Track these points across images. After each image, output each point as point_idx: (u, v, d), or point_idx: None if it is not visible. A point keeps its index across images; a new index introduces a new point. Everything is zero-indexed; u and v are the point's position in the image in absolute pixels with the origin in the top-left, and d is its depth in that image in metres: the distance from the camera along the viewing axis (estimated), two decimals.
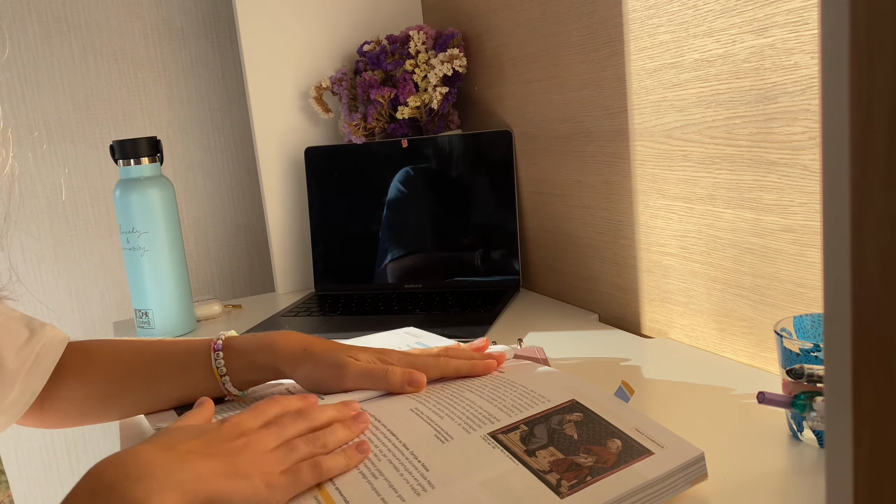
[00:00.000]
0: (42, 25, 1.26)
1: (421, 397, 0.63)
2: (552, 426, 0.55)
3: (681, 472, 0.51)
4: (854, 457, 0.25)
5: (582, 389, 0.60)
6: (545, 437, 0.54)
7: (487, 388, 0.63)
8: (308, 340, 0.67)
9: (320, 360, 0.65)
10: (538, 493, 0.48)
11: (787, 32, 0.65)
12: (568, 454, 0.52)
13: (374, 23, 1.30)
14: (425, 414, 0.59)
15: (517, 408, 0.58)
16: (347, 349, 0.67)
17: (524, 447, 0.53)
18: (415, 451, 0.54)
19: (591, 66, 0.93)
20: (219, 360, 0.67)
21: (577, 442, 0.53)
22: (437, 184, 1.19)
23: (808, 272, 0.68)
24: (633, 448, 0.52)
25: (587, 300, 1.02)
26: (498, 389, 0.62)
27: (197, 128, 1.37)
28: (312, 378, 0.65)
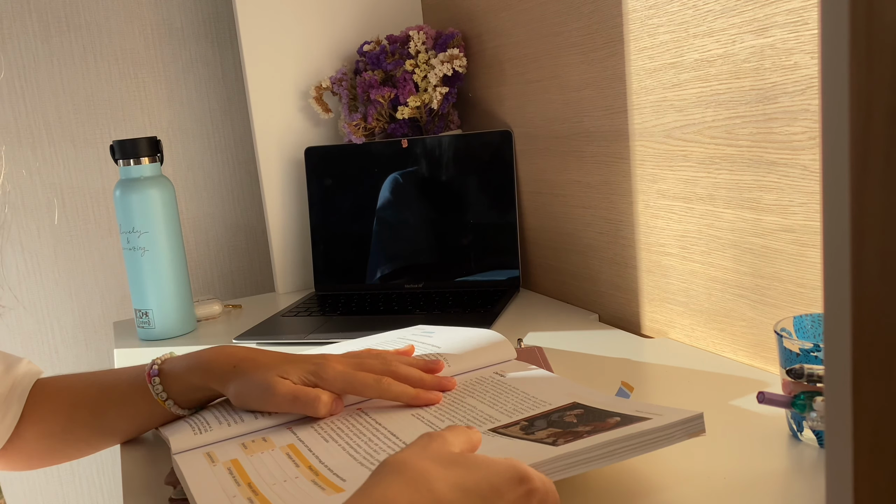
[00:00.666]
0: (42, 25, 1.26)
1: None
2: (552, 419, 0.56)
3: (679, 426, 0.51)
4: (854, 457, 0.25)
5: (583, 393, 0.60)
6: (545, 425, 0.55)
7: (489, 394, 0.63)
8: (241, 355, 0.64)
9: (248, 379, 0.62)
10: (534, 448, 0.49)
11: (787, 32, 0.66)
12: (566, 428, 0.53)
13: (374, 23, 1.30)
14: (426, 418, 0.60)
15: (518, 410, 0.59)
16: (280, 365, 0.63)
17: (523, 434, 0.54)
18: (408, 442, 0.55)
19: (591, 66, 0.93)
20: (156, 387, 0.65)
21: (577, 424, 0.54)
22: (437, 184, 1.19)
23: (808, 272, 0.68)
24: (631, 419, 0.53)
25: (587, 300, 1.02)
26: (499, 395, 0.63)
27: (197, 128, 1.37)
28: (241, 397, 0.63)
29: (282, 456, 0.57)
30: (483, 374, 0.69)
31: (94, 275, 1.33)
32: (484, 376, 0.68)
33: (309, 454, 0.56)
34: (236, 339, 1.01)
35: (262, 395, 0.61)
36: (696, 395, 0.70)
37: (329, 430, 0.60)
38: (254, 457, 0.57)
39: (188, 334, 1.09)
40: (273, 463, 0.56)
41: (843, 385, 0.25)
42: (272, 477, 0.54)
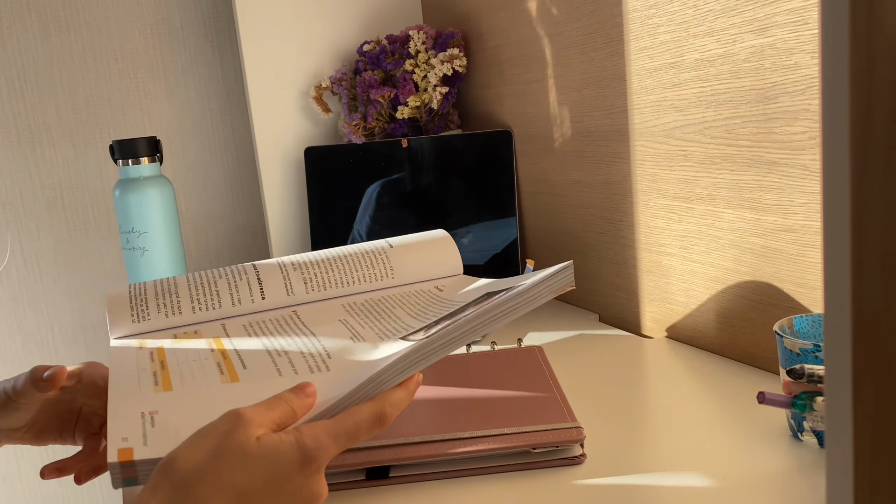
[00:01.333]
0: (42, 25, 1.26)
1: (354, 310, 0.64)
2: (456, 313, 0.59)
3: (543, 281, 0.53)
4: (854, 457, 0.25)
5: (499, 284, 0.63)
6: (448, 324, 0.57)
7: (419, 306, 0.64)
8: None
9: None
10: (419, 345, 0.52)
11: (788, 32, 0.65)
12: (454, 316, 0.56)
13: (374, 23, 1.30)
14: (350, 323, 0.62)
15: (435, 316, 0.61)
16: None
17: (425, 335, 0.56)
18: (325, 343, 0.57)
19: (591, 65, 0.93)
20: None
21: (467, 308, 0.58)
22: (437, 184, 1.19)
23: (808, 272, 0.68)
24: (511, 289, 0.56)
25: (587, 300, 1.02)
26: (428, 307, 0.63)
27: (197, 128, 1.37)
28: None
29: (202, 341, 0.59)
30: (425, 286, 0.69)
31: (94, 275, 1.33)
32: (424, 289, 0.68)
33: (227, 340, 0.59)
34: None
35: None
36: (695, 395, 0.70)
37: (256, 326, 0.62)
38: (179, 342, 0.59)
39: None
40: (191, 345, 0.58)
41: (843, 385, 0.25)
42: (185, 356, 0.56)
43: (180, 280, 0.66)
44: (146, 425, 0.47)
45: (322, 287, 0.66)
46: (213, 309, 0.63)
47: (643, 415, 0.68)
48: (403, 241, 0.73)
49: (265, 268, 0.67)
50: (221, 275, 0.66)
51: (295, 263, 0.68)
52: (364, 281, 0.68)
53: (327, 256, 0.69)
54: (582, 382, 0.76)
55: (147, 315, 0.62)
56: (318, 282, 0.66)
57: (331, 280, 0.67)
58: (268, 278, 0.66)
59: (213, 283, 0.65)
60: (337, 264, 0.68)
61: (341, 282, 0.67)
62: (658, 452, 0.60)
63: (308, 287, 0.66)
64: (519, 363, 0.74)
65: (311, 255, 0.69)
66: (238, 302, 0.64)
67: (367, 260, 0.69)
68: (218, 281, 0.65)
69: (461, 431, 0.60)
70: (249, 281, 0.65)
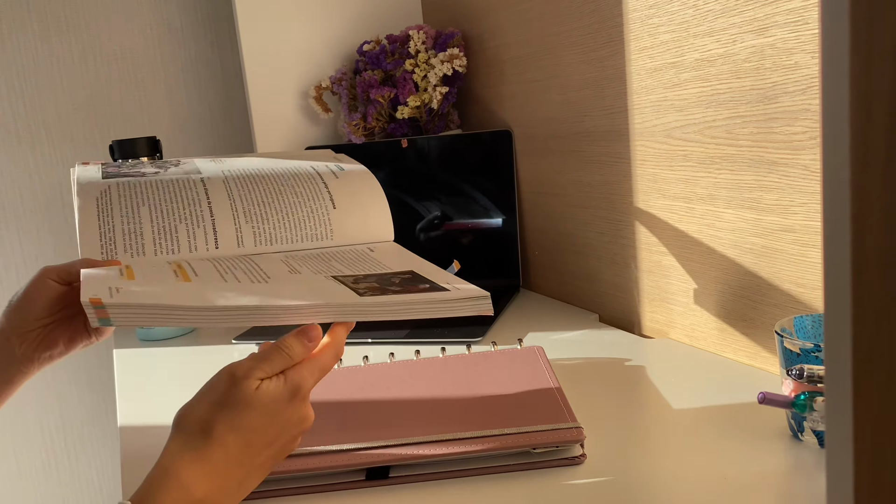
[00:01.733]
0: (42, 25, 1.26)
1: (296, 257, 0.71)
2: (383, 276, 0.65)
3: (466, 301, 0.61)
4: (854, 457, 0.25)
5: (423, 266, 0.68)
6: (374, 280, 0.64)
7: (350, 260, 0.71)
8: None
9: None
10: (344, 293, 0.59)
11: (788, 32, 0.65)
12: (383, 286, 0.62)
13: (374, 23, 1.30)
14: (292, 265, 0.68)
15: (364, 271, 0.67)
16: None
17: (352, 283, 0.63)
18: (266, 271, 0.64)
19: (591, 65, 0.93)
20: None
21: (397, 285, 0.63)
22: (437, 184, 1.19)
23: (808, 272, 0.68)
24: (436, 287, 0.62)
25: (587, 300, 1.02)
26: (358, 261, 0.70)
27: (197, 128, 1.37)
28: None
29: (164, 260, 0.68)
30: (358, 247, 0.76)
31: None
32: (357, 249, 0.75)
33: (186, 265, 0.66)
34: (236, 339, 1.01)
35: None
36: (696, 395, 0.70)
37: (212, 258, 0.70)
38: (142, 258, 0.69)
39: (187, 334, 1.09)
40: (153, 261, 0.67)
41: (843, 385, 0.25)
42: (146, 263, 0.67)
43: (144, 219, 0.73)
44: (112, 291, 0.56)
45: (269, 242, 0.74)
46: (172, 253, 0.71)
47: (643, 415, 0.68)
48: (344, 203, 0.79)
49: (220, 218, 0.74)
50: (181, 218, 0.73)
51: (247, 213, 0.75)
52: (307, 240, 0.76)
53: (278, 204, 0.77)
54: (582, 382, 0.76)
55: (115, 254, 0.70)
56: (267, 237, 0.74)
57: (278, 237, 0.75)
58: (222, 230, 0.73)
59: (173, 227, 0.72)
60: (284, 222, 0.75)
61: (286, 239, 0.75)
62: (658, 452, 0.60)
63: (257, 242, 0.74)
64: (519, 363, 0.74)
65: (261, 196, 0.77)
66: (195, 249, 0.72)
67: (311, 221, 0.76)
68: (178, 226, 0.73)
69: (461, 431, 0.60)
70: (206, 231, 0.73)
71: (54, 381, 1.32)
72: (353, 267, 0.68)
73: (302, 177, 0.80)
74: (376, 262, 0.70)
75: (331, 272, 0.66)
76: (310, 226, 0.76)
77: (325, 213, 0.77)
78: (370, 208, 0.79)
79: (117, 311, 0.54)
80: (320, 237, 0.76)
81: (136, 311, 0.54)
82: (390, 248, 0.75)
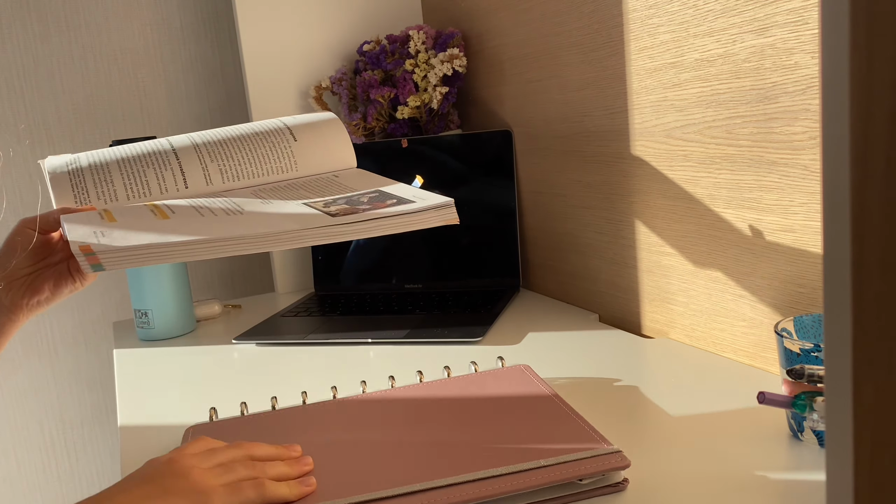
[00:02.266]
0: (42, 25, 1.26)
1: (266, 189, 0.74)
2: (352, 198, 0.68)
3: (432, 210, 0.63)
4: (854, 457, 0.25)
5: (388, 184, 0.71)
6: (343, 202, 0.66)
7: (318, 187, 0.73)
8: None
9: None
10: (319, 217, 0.62)
11: (788, 32, 0.65)
12: (353, 205, 0.64)
13: (374, 23, 1.30)
14: (261, 196, 0.71)
15: (333, 195, 0.70)
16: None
17: (323, 207, 0.66)
18: (239, 203, 0.67)
19: (591, 65, 0.93)
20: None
21: (366, 203, 0.65)
22: (437, 184, 1.19)
23: (808, 272, 0.68)
24: (403, 201, 0.64)
25: (587, 300, 1.02)
26: (326, 187, 0.73)
27: (197, 128, 1.37)
28: None
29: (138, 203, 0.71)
30: (324, 176, 0.79)
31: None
32: (323, 177, 0.78)
33: (162, 205, 0.69)
34: (236, 339, 1.01)
35: None
36: (696, 395, 0.70)
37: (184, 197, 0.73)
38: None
39: (187, 334, 1.09)
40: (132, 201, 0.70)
41: (843, 385, 0.25)
42: (124, 207, 0.69)
43: (113, 168, 0.75)
44: (98, 236, 0.58)
45: (236, 178, 0.76)
46: (143, 196, 0.73)
47: (643, 415, 0.68)
48: (305, 135, 0.82)
49: (187, 160, 0.76)
50: (149, 163, 0.75)
51: (212, 153, 0.77)
52: (272, 173, 0.78)
53: (240, 143, 0.79)
54: (582, 383, 0.76)
55: (87, 200, 0.72)
56: (233, 174, 0.76)
57: (244, 172, 0.77)
58: (190, 171, 0.75)
59: (142, 172, 0.75)
60: (249, 157, 0.78)
61: (252, 174, 0.77)
62: (658, 452, 0.60)
63: (224, 178, 0.76)
64: (513, 384, 0.70)
65: (223, 137, 0.79)
66: (165, 190, 0.74)
67: (274, 154, 0.79)
68: (146, 171, 0.75)
69: (495, 468, 0.55)
70: (174, 172, 0.75)
71: (54, 381, 1.32)
72: (321, 193, 0.71)
73: (264, 124, 0.82)
74: (343, 186, 0.73)
75: (301, 200, 0.69)
76: (273, 159, 0.78)
77: (288, 146, 0.79)
78: (331, 139, 0.81)
79: (108, 255, 0.55)
80: (285, 169, 0.78)
81: (127, 253, 0.56)
82: (355, 173, 0.78)
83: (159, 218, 0.64)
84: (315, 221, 0.61)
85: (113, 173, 0.74)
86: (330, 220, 0.61)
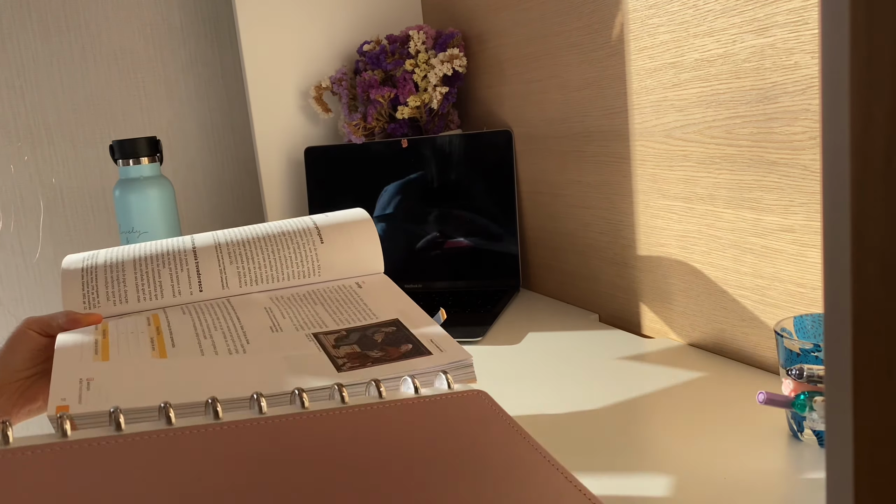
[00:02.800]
0: (42, 25, 1.26)
1: (279, 302, 0.70)
2: (366, 334, 0.63)
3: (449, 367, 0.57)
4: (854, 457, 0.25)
5: (409, 312, 0.66)
6: (355, 339, 0.62)
7: (337, 303, 0.69)
8: None
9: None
10: (323, 366, 0.57)
11: (788, 32, 0.65)
12: (364, 349, 0.60)
13: (374, 23, 1.30)
14: (273, 312, 0.67)
15: (348, 320, 0.66)
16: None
17: (334, 344, 0.61)
18: (246, 330, 0.63)
19: (591, 65, 0.93)
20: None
21: (379, 345, 0.61)
22: (437, 184, 1.19)
23: (808, 272, 0.68)
24: (418, 350, 0.59)
25: (587, 300, 1.02)
26: (344, 304, 0.69)
27: (197, 128, 1.37)
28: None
29: (143, 315, 0.68)
30: (347, 282, 0.74)
31: None
32: (345, 285, 0.74)
33: (163, 316, 0.66)
34: None
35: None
36: (696, 395, 0.70)
37: (191, 307, 0.69)
38: (122, 318, 0.67)
39: None
40: (133, 321, 0.66)
41: (843, 385, 0.25)
42: (125, 326, 0.64)
43: (128, 266, 0.72)
44: (82, 389, 0.54)
45: (254, 283, 0.73)
46: (156, 299, 0.71)
47: (643, 415, 0.68)
48: (333, 237, 0.77)
49: (204, 260, 0.73)
50: (165, 263, 0.72)
51: (232, 254, 0.74)
52: (293, 277, 0.74)
53: (264, 244, 0.75)
54: (582, 383, 0.76)
55: (97, 304, 0.70)
56: (252, 277, 0.73)
57: (263, 276, 0.74)
58: (206, 272, 0.72)
59: (156, 272, 0.72)
60: (270, 259, 0.74)
61: (272, 278, 0.74)
62: (658, 452, 0.60)
63: (242, 283, 0.73)
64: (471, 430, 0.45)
65: (248, 237, 0.76)
66: (178, 293, 0.71)
67: (298, 257, 0.75)
68: (161, 271, 0.72)
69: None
70: (189, 274, 0.72)
71: None
72: (339, 313, 0.67)
73: (293, 222, 0.78)
74: (363, 305, 0.69)
75: (314, 324, 0.65)
76: (296, 262, 0.74)
77: (313, 250, 0.75)
78: (359, 243, 0.77)
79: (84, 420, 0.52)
80: (307, 274, 0.74)
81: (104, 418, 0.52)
82: (379, 285, 0.73)
83: (156, 354, 0.60)
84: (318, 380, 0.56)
85: (127, 273, 0.72)
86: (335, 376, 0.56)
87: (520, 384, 0.77)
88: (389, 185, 1.21)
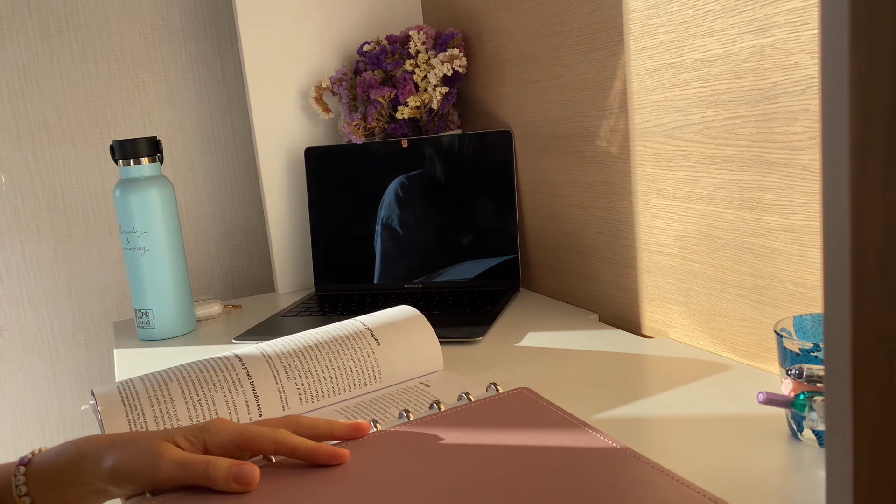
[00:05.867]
0: (42, 25, 1.26)
1: (347, 412, 0.66)
2: None
3: None
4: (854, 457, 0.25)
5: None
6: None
7: (405, 403, 0.67)
8: (119, 433, 0.57)
9: (131, 447, 0.55)
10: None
11: (787, 32, 0.66)
12: None
13: (374, 23, 1.30)
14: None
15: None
16: (168, 433, 0.56)
17: None
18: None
19: (591, 66, 0.93)
20: (19, 478, 0.56)
21: None
22: (437, 184, 1.19)
23: (808, 272, 0.68)
24: None
25: (587, 300, 1.02)
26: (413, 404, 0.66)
27: (197, 128, 1.37)
28: (121, 470, 0.54)
29: None
30: (411, 384, 0.72)
31: (94, 275, 1.33)
32: (410, 386, 0.71)
33: None
34: (236, 339, 1.01)
35: (149, 462, 0.53)
36: (695, 395, 0.70)
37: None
38: None
39: (188, 334, 1.09)
40: None
41: (843, 385, 0.25)
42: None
43: (175, 392, 0.65)
44: None
45: (315, 399, 0.69)
46: None
47: (643, 415, 0.68)
48: (389, 338, 0.74)
49: (259, 379, 0.67)
50: (217, 387, 0.66)
51: (288, 369, 0.68)
52: (355, 387, 0.70)
53: (319, 353, 0.70)
54: (582, 382, 0.76)
55: (144, 424, 0.64)
56: (312, 393, 0.68)
57: (324, 390, 0.69)
58: (264, 393, 0.67)
59: (209, 398, 0.66)
60: (329, 370, 0.69)
61: (334, 391, 0.69)
62: (658, 452, 0.60)
63: (302, 400, 0.68)
64: (528, 418, 0.60)
65: (299, 347, 0.70)
66: (237, 419, 0.66)
67: (356, 364, 0.71)
68: (215, 396, 0.66)
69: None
70: (247, 397, 0.67)
71: (54, 381, 1.32)
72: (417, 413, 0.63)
73: (341, 326, 0.73)
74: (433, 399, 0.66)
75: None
76: (356, 370, 0.70)
77: (371, 353, 0.71)
78: (416, 340, 0.74)
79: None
80: (368, 381, 0.70)
81: None
82: (445, 381, 0.71)
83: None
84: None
85: (176, 401, 0.65)
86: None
87: (520, 384, 0.77)
88: (390, 185, 1.21)
